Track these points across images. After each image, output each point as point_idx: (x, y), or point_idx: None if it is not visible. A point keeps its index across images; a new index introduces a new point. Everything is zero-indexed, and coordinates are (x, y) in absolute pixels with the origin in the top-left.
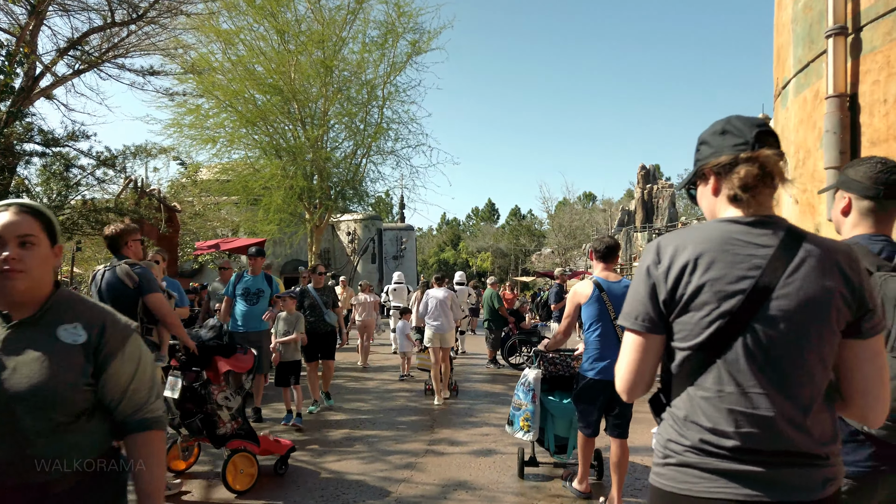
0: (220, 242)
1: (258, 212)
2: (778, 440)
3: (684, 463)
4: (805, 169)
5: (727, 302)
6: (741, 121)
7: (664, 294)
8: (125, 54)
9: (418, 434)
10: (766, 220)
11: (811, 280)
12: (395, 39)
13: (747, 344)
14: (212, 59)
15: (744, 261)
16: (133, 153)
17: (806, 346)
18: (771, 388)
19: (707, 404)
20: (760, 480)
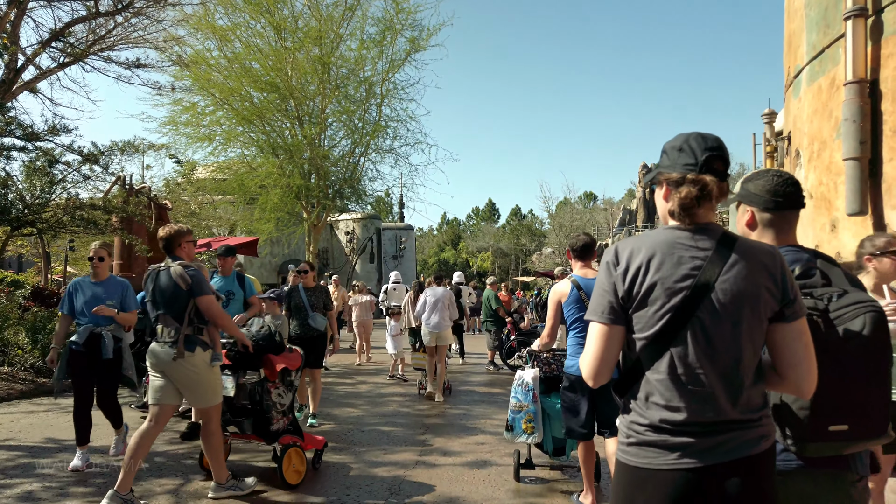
0: (213, 241)
1: (254, 211)
2: (719, 412)
3: (644, 441)
4: (820, 161)
5: (675, 297)
6: (696, 142)
7: (622, 291)
8: (112, 47)
9: (409, 443)
10: (704, 227)
11: (743, 277)
12: (394, 36)
13: (692, 332)
14: (207, 55)
15: (687, 262)
16: (121, 149)
17: (740, 332)
18: (711, 368)
19: (661, 385)
20: (707, 448)
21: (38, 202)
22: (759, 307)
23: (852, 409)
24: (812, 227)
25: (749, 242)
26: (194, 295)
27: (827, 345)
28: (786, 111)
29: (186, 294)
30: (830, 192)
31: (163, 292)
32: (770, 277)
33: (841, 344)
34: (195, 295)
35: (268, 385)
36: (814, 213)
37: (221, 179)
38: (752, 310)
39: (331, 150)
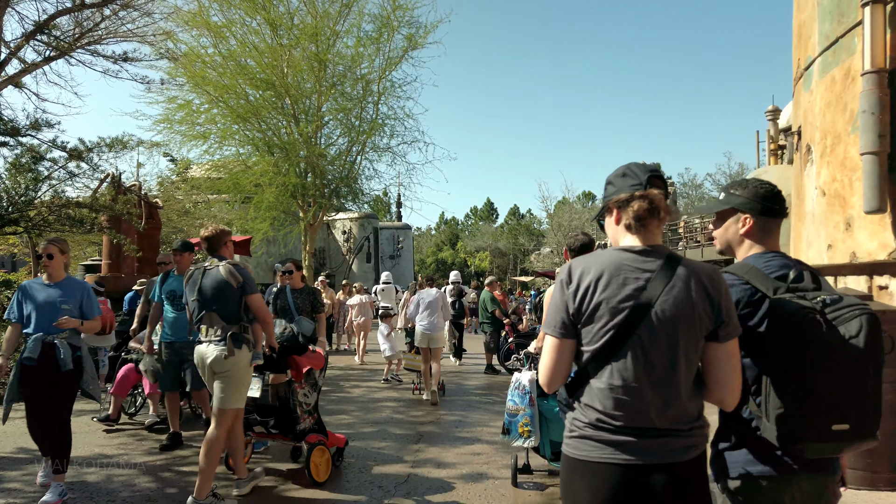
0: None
1: (249, 210)
2: (650, 421)
3: (583, 436)
4: (834, 156)
5: (617, 316)
6: (637, 167)
7: (573, 308)
8: (100, 40)
9: (401, 452)
10: (651, 249)
11: (682, 297)
12: (391, 34)
13: (632, 348)
14: (202, 53)
15: (632, 283)
16: (109, 145)
17: (676, 349)
18: (647, 381)
19: (601, 394)
20: (638, 449)
21: (23, 200)
22: (695, 326)
23: (852, 409)
24: (825, 225)
25: (692, 264)
26: (246, 293)
27: (830, 344)
28: (795, 105)
29: (238, 291)
30: (845, 188)
31: (212, 290)
32: (707, 299)
33: (841, 344)
34: (247, 293)
35: (294, 386)
36: (827, 211)
37: (216, 178)
38: (689, 329)
39: (327, 149)
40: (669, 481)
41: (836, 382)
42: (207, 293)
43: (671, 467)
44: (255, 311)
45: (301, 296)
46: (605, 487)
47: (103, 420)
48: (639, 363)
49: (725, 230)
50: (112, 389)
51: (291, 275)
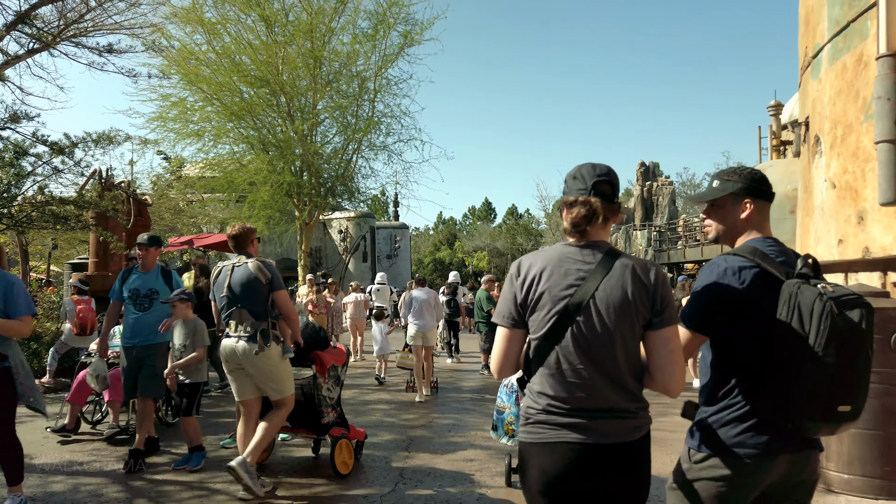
0: (194, 238)
1: (243, 208)
2: (597, 401)
3: (537, 421)
4: (845, 146)
5: (559, 304)
6: (587, 170)
7: (521, 299)
8: (86, 33)
9: (390, 460)
10: (592, 244)
11: (619, 287)
12: (387, 30)
13: (574, 334)
14: (196, 50)
15: (573, 274)
16: (95, 140)
17: (614, 334)
18: (591, 365)
19: (551, 379)
20: (587, 429)
21: (6, 196)
22: (632, 314)
23: (856, 392)
24: (835, 220)
25: (629, 257)
26: (273, 289)
27: (844, 331)
28: (802, 96)
29: (267, 287)
30: (857, 180)
31: (242, 287)
32: (644, 289)
33: (850, 331)
34: (274, 289)
35: (319, 380)
36: (837, 204)
37: (211, 177)
38: (626, 317)
39: (323, 147)
40: (616, 460)
41: (846, 366)
42: (237, 289)
43: (618, 447)
44: (282, 308)
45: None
46: (557, 466)
47: (58, 431)
48: (581, 349)
49: (725, 217)
50: (68, 396)
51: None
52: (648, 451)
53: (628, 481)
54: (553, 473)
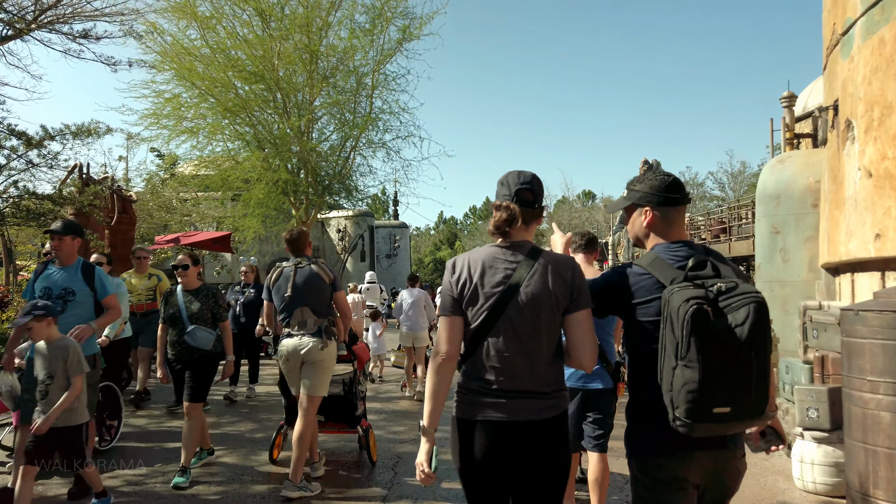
0: (182, 236)
1: (237, 206)
2: (519, 383)
3: (466, 400)
4: (883, 130)
5: (490, 299)
6: (512, 178)
7: (457, 293)
8: (63, 20)
9: (372, 484)
10: (517, 244)
11: (542, 281)
12: (385, 25)
13: (503, 324)
14: (189, 45)
15: (501, 271)
16: (74, 133)
17: (538, 323)
18: (516, 351)
19: (482, 364)
20: (508, 408)
21: None
22: (553, 305)
23: (735, 393)
24: (871, 212)
25: (551, 255)
26: (336, 289)
27: (716, 333)
28: (828, 78)
29: (329, 288)
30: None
31: (306, 287)
32: (563, 281)
33: (728, 332)
34: (336, 289)
35: (357, 375)
36: (874, 194)
37: (205, 175)
38: (548, 307)
39: (320, 144)
40: (534, 435)
41: (718, 368)
42: (302, 289)
43: (536, 423)
44: (340, 307)
45: (197, 298)
46: (482, 441)
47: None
48: (509, 336)
49: (632, 224)
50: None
51: (186, 270)
52: (565, 428)
53: (545, 453)
54: (478, 447)
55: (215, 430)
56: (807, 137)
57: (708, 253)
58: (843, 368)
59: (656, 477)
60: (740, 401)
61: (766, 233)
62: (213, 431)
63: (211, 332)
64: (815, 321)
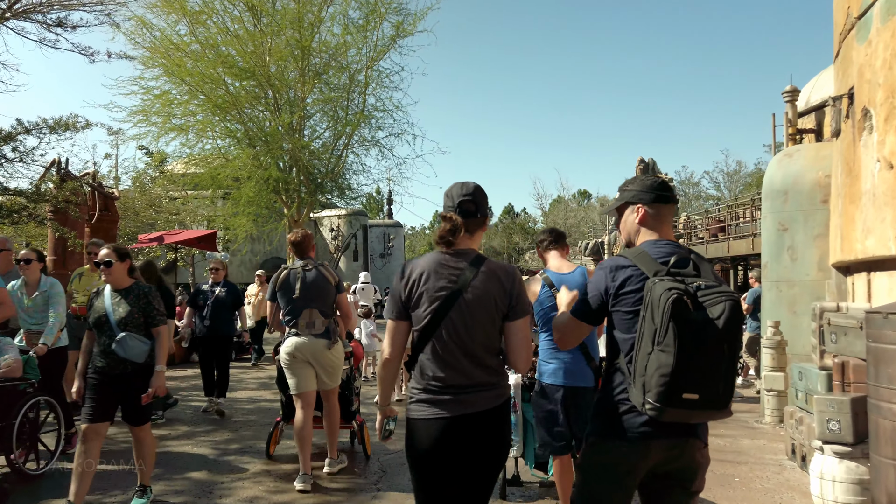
0: (165, 234)
1: (227, 205)
2: (465, 378)
3: (418, 399)
4: None
5: (435, 302)
6: (455, 191)
7: (405, 297)
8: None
9: (367, 476)
10: (461, 252)
11: (483, 287)
12: (379, 21)
13: (447, 326)
14: (177, 39)
15: (445, 277)
16: (51, 127)
17: (479, 325)
18: (459, 350)
19: (429, 363)
20: (459, 402)
21: None
22: (492, 308)
23: (704, 382)
24: (892, 206)
25: (492, 263)
26: (339, 291)
27: (694, 323)
28: (842, 65)
29: (334, 290)
30: None
31: (315, 289)
32: (502, 288)
33: (704, 324)
34: (339, 291)
35: (354, 372)
36: (895, 187)
37: (194, 173)
38: (488, 310)
39: (312, 142)
40: (483, 424)
41: (692, 356)
42: (311, 291)
43: (484, 413)
44: (342, 308)
45: (126, 300)
46: (433, 437)
47: None
48: (452, 337)
49: (624, 223)
50: None
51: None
52: (508, 415)
53: (490, 439)
54: (427, 443)
55: (186, 441)
56: (809, 133)
57: (690, 253)
58: (869, 377)
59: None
60: (709, 389)
61: (772, 230)
62: (182, 442)
63: (145, 341)
64: (833, 324)
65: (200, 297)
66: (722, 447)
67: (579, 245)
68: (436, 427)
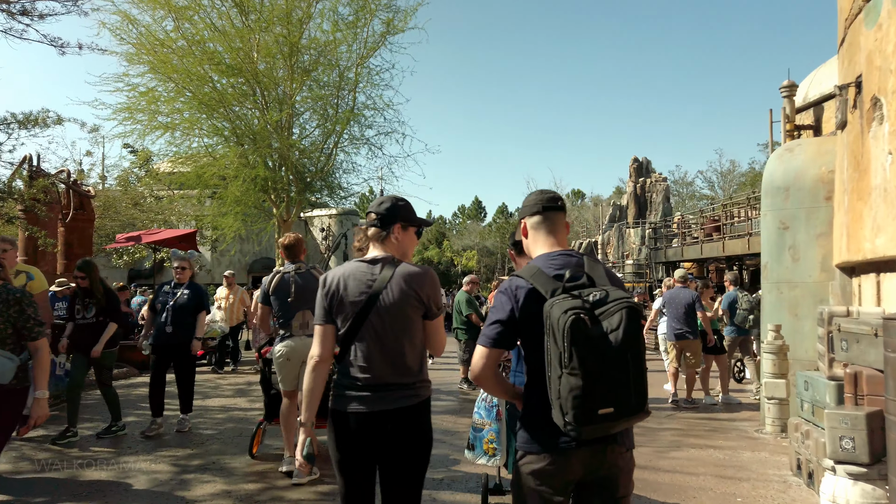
0: (143, 234)
1: (213, 204)
2: (382, 379)
3: (340, 395)
4: None
5: (355, 306)
6: (373, 205)
7: (327, 304)
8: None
9: None
10: (377, 259)
11: (398, 290)
12: (369, 18)
13: (367, 328)
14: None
15: (364, 283)
16: (20, 122)
17: (398, 326)
18: (379, 350)
19: (351, 363)
20: (376, 398)
21: None
22: (409, 310)
23: (616, 393)
24: None
25: (406, 268)
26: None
27: (594, 340)
28: (848, 52)
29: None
30: None
31: (308, 291)
32: (416, 291)
33: (603, 338)
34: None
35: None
36: None
37: (179, 172)
38: (404, 312)
39: (301, 141)
40: (397, 422)
41: (600, 373)
42: (305, 293)
43: (399, 411)
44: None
45: None
46: (350, 430)
47: None
48: (372, 338)
49: (525, 241)
50: None
51: None
52: (426, 414)
53: (409, 436)
54: (347, 435)
55: (144, 456)
56: (808, 129)
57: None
58: (887, 390)
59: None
60: (622, 400)
61: (773, 229)
62: (140, 458)
63: (11, 358)
64: (844, 330)
65: (159, 300)
66: (722, 461)
67: (573, 245)
68: (354, 420)
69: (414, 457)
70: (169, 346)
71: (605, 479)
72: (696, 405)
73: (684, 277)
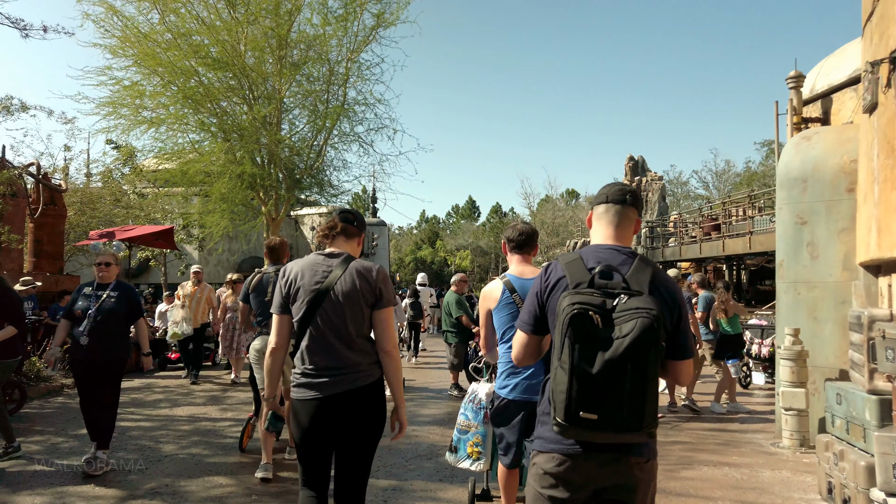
0: (117, 231)
1: (199, 201)
2: (336, 361)
3: (298, 384)
4: None
5: (309, 295)
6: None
7: (285, 293)
8: None
9: None
10: (334, 253)
11: (351, 282)
12: (359, 11)
13: (320, 316)
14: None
15: (319, 274)
16: None
17: (348, 315)
18: (332, 336)
19: (305, 351)
20: (328, 384)
21: None
22: (360, 301)
23: (604, 402)
24: None
25: (359, 263)
26: None
27: (598, 340)
28: (879, 25)
29: None
30: None
31: None
32: (367, 283)
33: (608, 341)
34: None
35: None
36: None
37: (164, 169)
38: (355, 303)
39: (290, 137)
40: (354, 401)
41: (589, 375)
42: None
43: (354, 391)
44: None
45: None
46: (308, 414)
47: None
48: (325, 326)
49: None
50: None
51: None
52: (380, 392)
53: (365, 414)
54: (306, 419)
55: (91, 478)
56: (816, 122)
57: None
58: None
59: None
60: (609, 411)
61: (789, 224)
62: (77, 487)
63: None
64: (889, 337)
65: (79, 305)
66: (739, 482)
67: (568, 245)
68: (312, 406)
69: (366, 433)
70: (89, 363)
71: (618, 489)
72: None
73: (677, 277)
